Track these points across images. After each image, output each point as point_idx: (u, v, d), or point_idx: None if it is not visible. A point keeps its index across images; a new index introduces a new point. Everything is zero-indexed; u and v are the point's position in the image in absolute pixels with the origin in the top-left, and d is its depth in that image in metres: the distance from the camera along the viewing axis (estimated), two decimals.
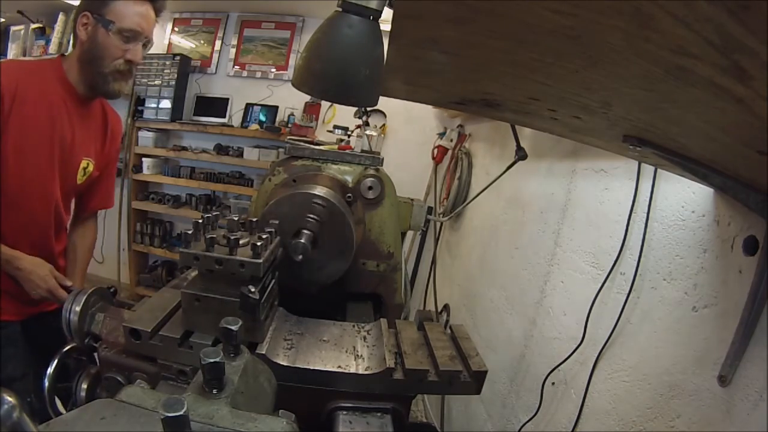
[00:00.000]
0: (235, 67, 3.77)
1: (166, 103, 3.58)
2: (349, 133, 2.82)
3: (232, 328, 0.57)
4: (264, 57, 3.74)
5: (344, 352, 0.85)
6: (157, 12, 1.31)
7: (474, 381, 0.81)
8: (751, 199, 0.67)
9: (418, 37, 0.46)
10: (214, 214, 0.85)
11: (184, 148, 3.68)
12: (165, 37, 3.85)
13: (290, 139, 1.92)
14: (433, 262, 2.77)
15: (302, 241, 0.94)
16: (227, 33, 3.79)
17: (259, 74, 3.73)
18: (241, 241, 0.76)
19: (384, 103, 1.92)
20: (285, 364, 0.77)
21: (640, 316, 1.00)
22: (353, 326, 0.95)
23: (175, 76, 3.54)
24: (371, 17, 0.88)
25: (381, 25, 0.90)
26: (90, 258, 1.55)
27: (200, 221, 0.80)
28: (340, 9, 0.87)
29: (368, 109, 2.76)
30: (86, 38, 1.25)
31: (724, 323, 0.74)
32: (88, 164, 1.40)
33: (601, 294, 1.13)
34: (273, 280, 0.88)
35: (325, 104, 3.60)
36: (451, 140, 2.86)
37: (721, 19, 0.29)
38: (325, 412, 0.78)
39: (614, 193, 1.17)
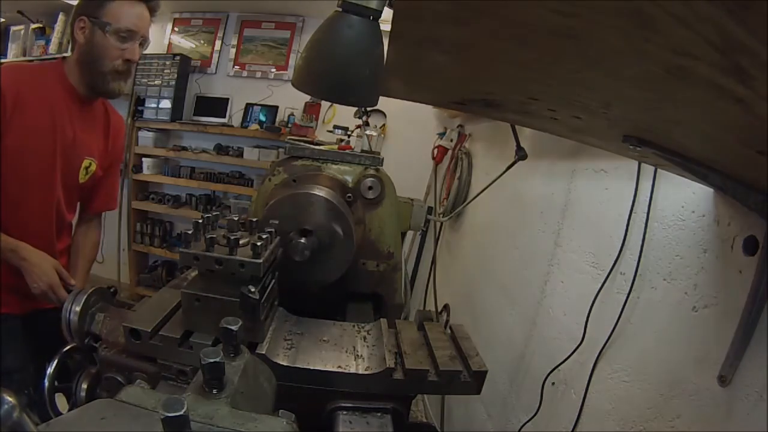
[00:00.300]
0: (235, 67, 3.77)
1: (166, 103, 3.58)
2: (349, 133, 2.82)
3: (232, 328, 0.57)
4: (264, 57, 3.74)
5: (344, 352, 0.85)
6: (152, 11, 1.33)
7: (474, 381, 0.81)
8: (751, 199, 0.67)
9: (418, 37, 0.45)
10: (214, 214, 0.85)
11: (184, 148, 3.68)
12: (165, 37, 3.85)
13: (290, 139, 1.91)
14: (433, 262, 2.77)
15: (302, 241, 0.94)
16: (227, 33, 3.79)
17: (259, 74, 3.74)
18: (241, 241, 0.76)
19: (384, 103, 1.92)
20: (285, 364, 0.77)
21: (640, 316, 1.00)
22: (353, 326, 0.95)
23: (175, 76, 3.55)
24: (371, 17, 0.88)
25: (381, 25, 0.90)
26: (94, 259, 1.56)
27: (200, 221, 0.80)
28: (340, 9, 0.87)
29: (368, 109, 2.76)
30: (84, 41, 1.26)
31: (724, 323, 0.74)
32: (90, 163, 1.41)
33: (601, 294, 1.13)
34: (273, 280, 0.88)
35: (325, 104, 3.60)
36: (451, 140, 2.86)
37: (721, 19, 0.28)
38: (325, 412, 0.78)
39: (614, 193, 1.17)
